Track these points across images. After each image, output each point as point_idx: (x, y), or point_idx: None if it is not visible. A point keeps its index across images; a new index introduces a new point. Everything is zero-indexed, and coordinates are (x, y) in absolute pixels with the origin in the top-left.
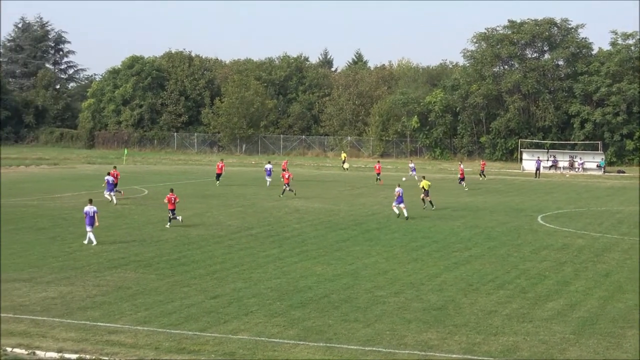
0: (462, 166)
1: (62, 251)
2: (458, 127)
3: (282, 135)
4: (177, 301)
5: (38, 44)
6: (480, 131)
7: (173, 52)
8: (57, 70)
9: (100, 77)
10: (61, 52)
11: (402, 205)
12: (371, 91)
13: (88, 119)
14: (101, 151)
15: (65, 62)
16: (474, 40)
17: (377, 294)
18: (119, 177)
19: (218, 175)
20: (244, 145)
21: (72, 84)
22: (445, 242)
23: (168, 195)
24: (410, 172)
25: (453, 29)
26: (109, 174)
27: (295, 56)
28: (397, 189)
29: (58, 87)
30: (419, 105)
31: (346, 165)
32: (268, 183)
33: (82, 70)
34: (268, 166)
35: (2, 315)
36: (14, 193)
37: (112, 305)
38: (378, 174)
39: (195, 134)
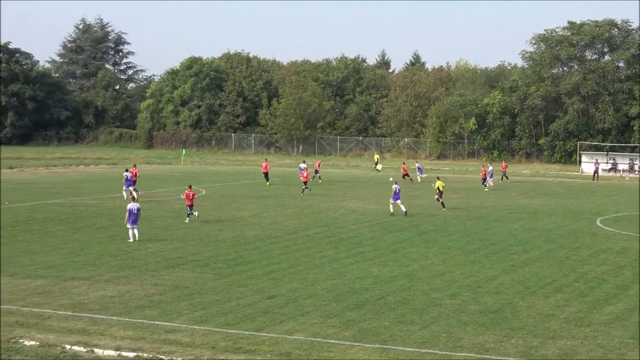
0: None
1: (121, 250)
2: (516, 129)
3: (339, 137)
4: (234, 301)
5: (98, 45)
6: (539, 133)
7: (231, 53)
8: (116, 71)
9: (159, 77)
10: (121, 53)
11: (399, 202)
12: (429, 92)
13: (147, 119)
14: (159, 151)
15: (125, 63)
16: (533, 42)
17: (433, 296)
18: (137, 175)
19: (265, 175)
20: (300, 146)
21: (131, 85)
22: (503, 244)
23: (186, 192)
24: (418, 174)
25: (512, 30)
26: (127, 170)
27: (352, 57)
28: (395, 185)
29: (117, 87)
30: (476, 106)
31: (379, 167)
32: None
33: (141, 71)
34: (302, 165)
35: (61, 312)
36: (73, 192)
37: (169, 304)
38: (405, 175)
39: (253, 134)
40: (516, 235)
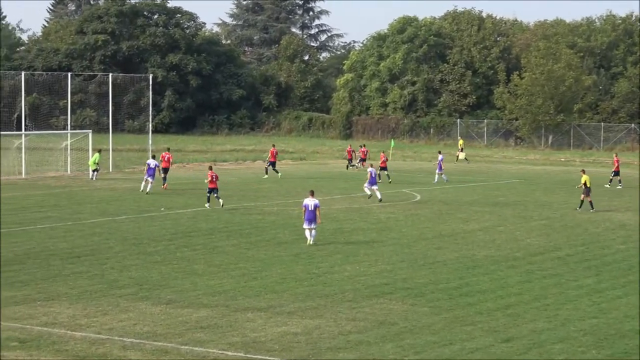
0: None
1: (309, 272)
2: None
3: (602, 124)
4: (457, 344)
5: (282, 2)
6: None
7: (458, 11)
8: (305, 36)
9: (361, 45)
10: (311, 13)
11: (375, 187)
12: None
13: (344, 100)
14: (360, 142)
15: (317, 26)
16: None
17: None
18: (171, 160)
19: (272, 164)
20: (550, 137)
21: (324, 55)
22: None
23: (209, 173)
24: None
25: None
26: (153, 157)
27: (623, 15)
28: (370, 169)
29: (307, 58)
30: None
31: (461, 155)
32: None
33: (338, 36)
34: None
35: (230, 353)
36: (248, 196)
37: (371, 345)
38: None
39: (485, 120)
40: None
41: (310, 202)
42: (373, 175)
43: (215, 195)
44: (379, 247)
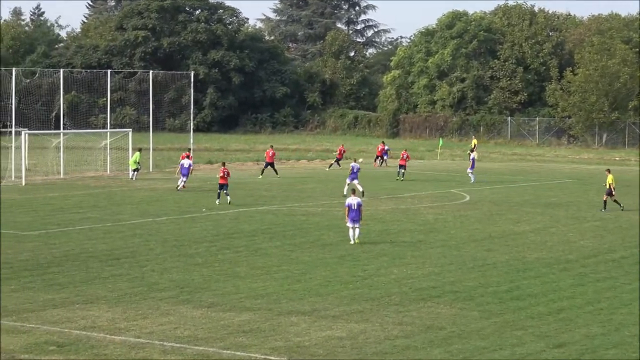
0: None
1: (354, 275)
2: None
3: None
4: (507, 349)
5: None
6: None
7: (509, 5)
8: (351, 31)
9: (409, 40)
10: (357, 8)
11: (355, 182)
12: None
13: (391, 97)
14: (407, 141)
15: (363, 21)
16: None
17: None
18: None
19: (268, 164)
20: (604, 135)
21: (370, 51)
22: None
23: (221, 169)
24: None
25: None
26: (188, 157)
27: None
28: (352, 163)
29: (352, 54)
30: None
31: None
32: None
33: (385, 31)
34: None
35: (273, 358)
36: (292, 196)
37: (418, 350)
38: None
39: (537, 118)
40: None
41: (353, 201)
42: (355, 171)
43: (225, 191)
44: (427, 249)
